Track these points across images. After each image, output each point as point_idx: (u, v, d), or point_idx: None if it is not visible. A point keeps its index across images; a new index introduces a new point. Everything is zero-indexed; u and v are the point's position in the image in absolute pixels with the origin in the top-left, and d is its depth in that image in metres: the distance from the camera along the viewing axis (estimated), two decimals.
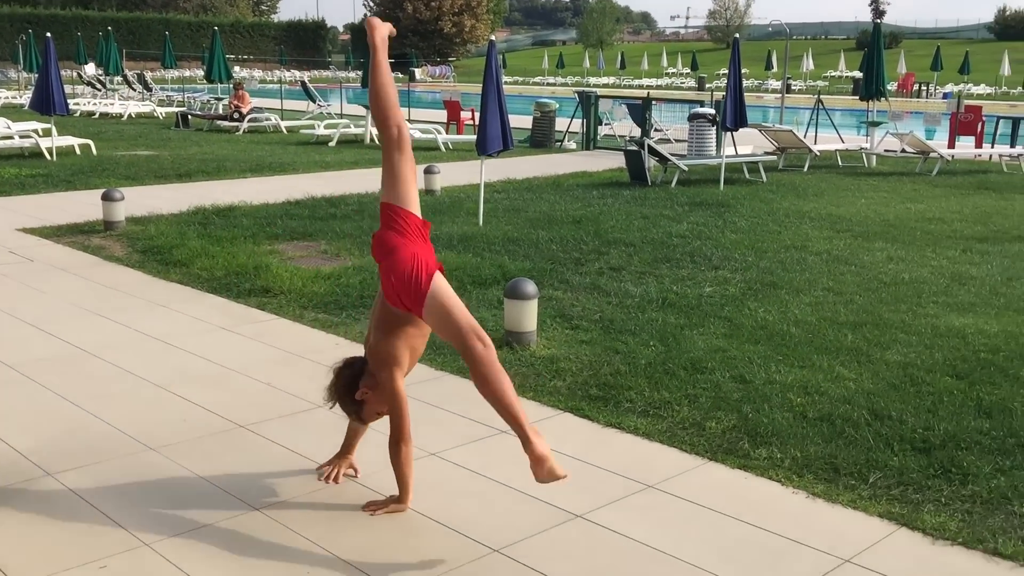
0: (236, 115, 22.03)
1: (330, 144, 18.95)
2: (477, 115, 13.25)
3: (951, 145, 17.40)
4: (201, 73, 33.32)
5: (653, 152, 13.67)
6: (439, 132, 19.07)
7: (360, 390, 3.65)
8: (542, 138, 19.44)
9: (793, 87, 48.82)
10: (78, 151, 16.33)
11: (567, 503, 3.84)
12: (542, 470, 3.33)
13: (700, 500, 3.89)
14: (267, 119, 22.46)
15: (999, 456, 4.27)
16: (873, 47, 15.97)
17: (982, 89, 48.12)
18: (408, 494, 3.69)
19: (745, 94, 13.34)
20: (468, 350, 3.38)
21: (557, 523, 3.68)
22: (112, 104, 27.46)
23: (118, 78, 33.93)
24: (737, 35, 13.13)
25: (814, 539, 3.58)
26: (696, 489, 3.99)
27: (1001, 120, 18.26)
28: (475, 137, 10.27)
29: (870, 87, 15.87)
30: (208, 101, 27.31)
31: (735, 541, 3.57)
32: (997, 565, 3.41)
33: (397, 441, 3.60)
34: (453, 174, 14.09)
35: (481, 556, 3.42)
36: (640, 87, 50.75)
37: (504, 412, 3.37)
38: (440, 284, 3.50)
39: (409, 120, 21.87)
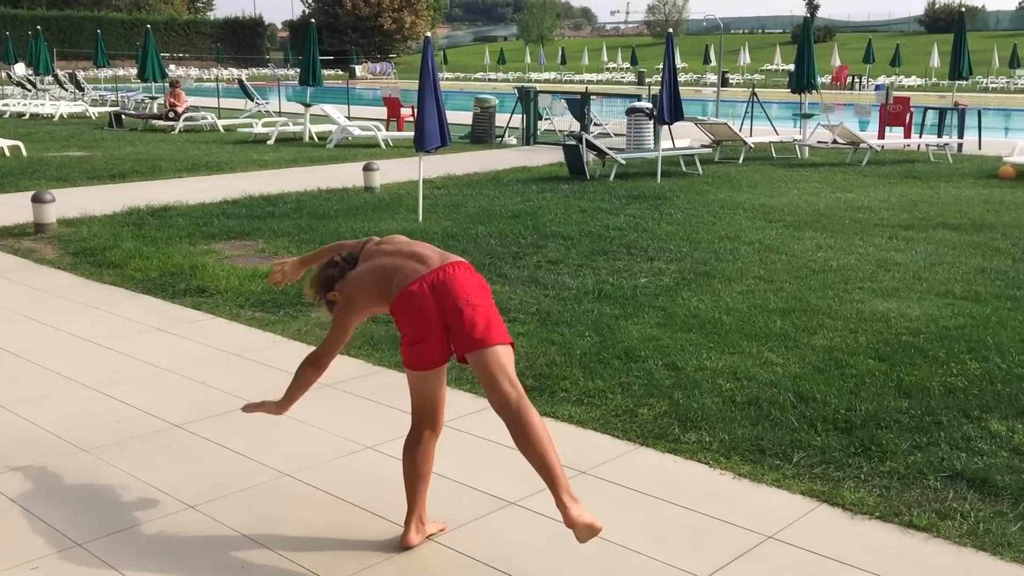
0: (171, 114, 21.69)
1: (268, 143, 18.77)
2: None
3: (881, 136, 17.84)
4: (135, 72, 32.77)
5: (591, 146, 13.81)
6: (379, 129, 19.02)
7: (333, 292, 3.53)
8: (482, 134, 19.51)
9: (731, 81, 49.58)
10: (7, 153, 15.95)
11: (501, 491, 3.91)
12: None
13: (631, 484, 3.99)
14: (203, 118, 22.15)
15: (916, 433, 4.44)
16: (804, 41, 16.32)
17: (913, 81, 49.34)
18: (287, 407, 3.51)
19: (683, 88, 13.56)
20: (416, 426, 3.41)
21: (491, 510, 3.75)
22: (43, 105, 26.83)
23: (49, 78, 33.13)
24: (671, 30, 13.32)
25: (739, 517, 3.70)
26: (628, 474, 4.09)
27: (929, 111, 18.78)
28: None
29: (801, 80, 16.22)
30: (143, 100, 26.83)
31: (664, 522, 3.67)
32: (912, 537, 3.56)
33: (311, 361, 3.44)
34: (393, 171, 14.09)
35: (416, 545, 3.47)
36: (581, 82, 51.06)
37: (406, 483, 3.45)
38: (442, 374, 3.39)
39: (349, 118, 21.76)
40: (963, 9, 21.00)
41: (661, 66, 13.73)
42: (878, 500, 3.82)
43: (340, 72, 65.30)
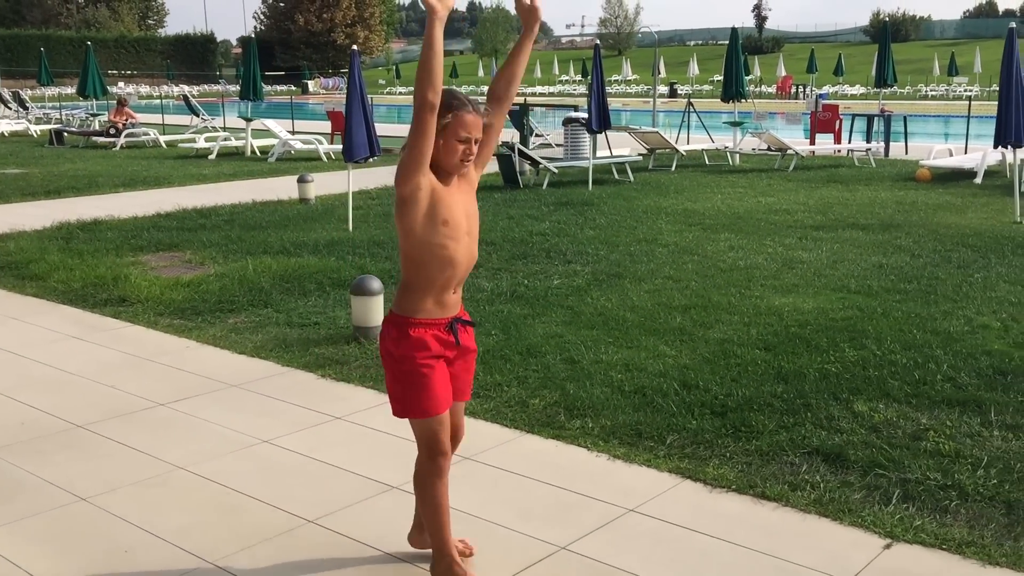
0: (112, 130, 21.65)
1: (210, 157, 18.83)
2: None
3: (812, 142, 18.36)
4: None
5: (524, 156, 14.10)
6: (320, 143, 19.16)
7: None
8: None
9: (680, 91, 50.34)
10: None
11: (385, 477, 4.12)
12: None
13: (510, 467, 4.22)
14: (145, 134, 22.13)
15: (785, 415, 4.72)
16: (731, 52, 16.79)
17: (856, 89, 50.44)
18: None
19: (633, 99, 13.92)
20: None
21: (373, 495, 3.96)
22: None
23: None
24: (598, 42, 13.68)
25: (606, 494, 3.94)
26: (509, 458, 4.32)
27: (856, 118, 19.36)
28: None
29: (730, 89, 16.68)
30: (86, 118, 26.70)
31: (534, 499, 3.91)
32: (762, 506, 3.82)
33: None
34: (331, 182, 14.23)
35: (296, 527, 3.67)
36: (532, 94, 51.51)
37: None
38: None
39: (293, 132, 21.86)
40: (886, 19, 21.66)
41: (615, 77, 14.03)
42: (738, 475, 4.08)
43: (293, 88, 65.21)
